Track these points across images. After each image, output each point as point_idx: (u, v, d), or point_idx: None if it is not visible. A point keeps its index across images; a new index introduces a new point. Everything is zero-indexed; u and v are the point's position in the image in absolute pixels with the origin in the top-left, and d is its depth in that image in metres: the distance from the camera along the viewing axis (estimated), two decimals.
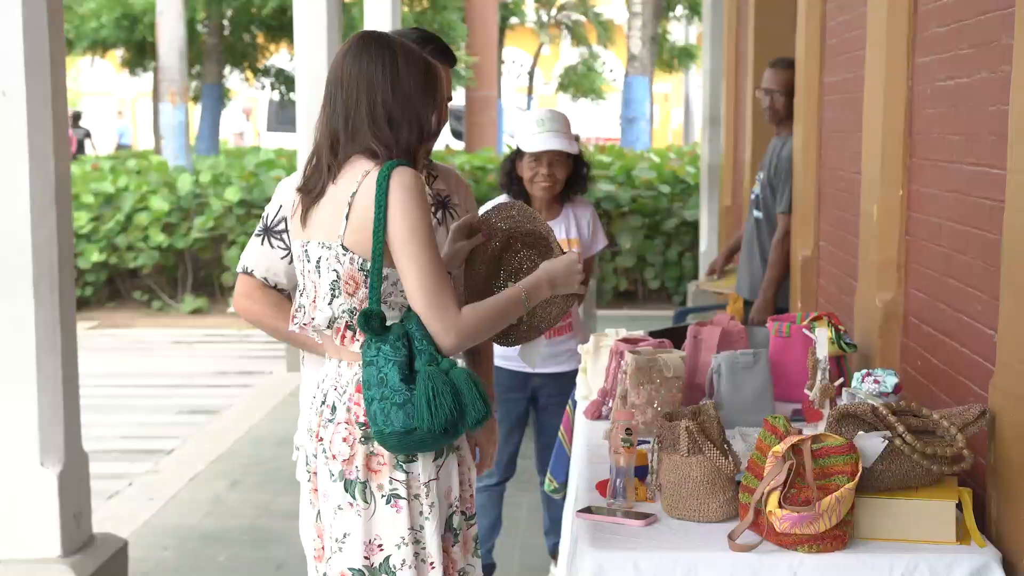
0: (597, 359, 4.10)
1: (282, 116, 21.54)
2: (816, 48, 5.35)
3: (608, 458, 3.01)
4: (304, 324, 2.76)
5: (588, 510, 2.94)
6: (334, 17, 8.66)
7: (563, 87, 22.95)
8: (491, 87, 17.03)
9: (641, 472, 3.05)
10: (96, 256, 11.34)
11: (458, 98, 17.77)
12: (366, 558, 2.68)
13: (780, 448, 2.69)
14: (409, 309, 2.65)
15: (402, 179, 2.59)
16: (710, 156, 10.67)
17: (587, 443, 3.54)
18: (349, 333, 2.70)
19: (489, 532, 4.57)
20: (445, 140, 20.25)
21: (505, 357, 4.27)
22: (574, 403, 4.22)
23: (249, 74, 17.00)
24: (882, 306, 3.93)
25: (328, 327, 2.71)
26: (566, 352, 4.55)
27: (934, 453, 2.68)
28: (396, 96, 2.67)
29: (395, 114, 2.66)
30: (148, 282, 11.86)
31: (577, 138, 4.72)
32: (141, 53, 16.22)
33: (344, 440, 2.69)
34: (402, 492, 2.66)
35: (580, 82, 22.53)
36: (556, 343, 4.50)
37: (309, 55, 8.66)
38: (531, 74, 24.05)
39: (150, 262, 11.43)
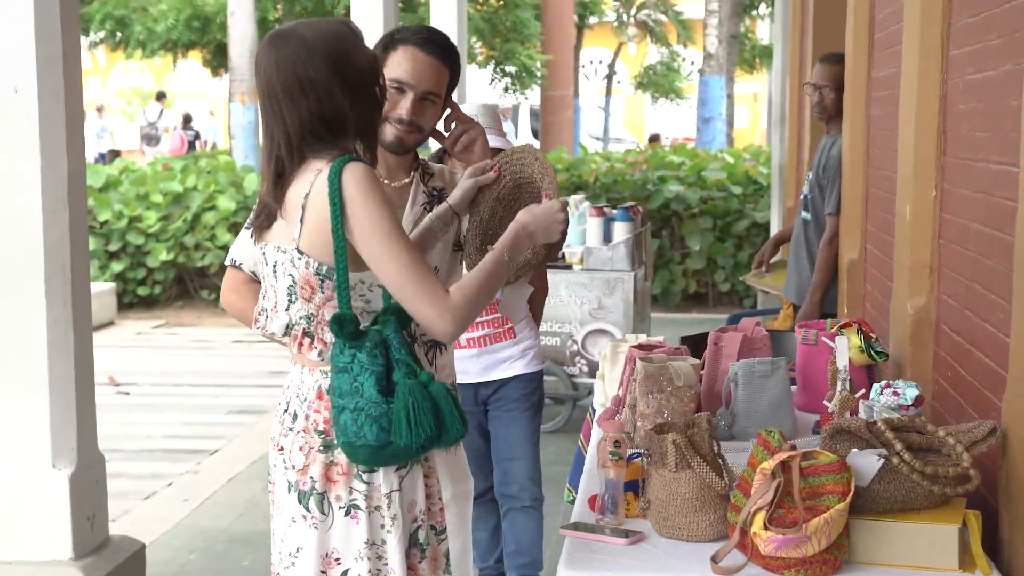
0: (614, 365, 3.94)
1: None
2: (864, 42, 5.13)
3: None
4: (263, 329, 2.66)
5: (574, 526, 2.79)
6: (391, 15, 8.59)
7: (642, 86, 22.68)
8: (567, 86, 16.86)
9: (635, 486, 2.90)
10: (164, 255, 11.42)
11: (534, 97, 17.68)
12: (322, 572, 2.57)
13: (768, 465, 2.52)
14: (383, 313, 2.53)
15: (353, 175, 2.46)
16: (779, 156, 10.42)
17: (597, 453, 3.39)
18: (307, 340, 2.59)
19: (492, 543, 4.41)
20: (527, 140, 20.17)
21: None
22: (593, 410, 4.07)
23: None
24: (914, 312, 3.72)
25: (285, 334, 2.60)
26: (507, 359, 4.26)
27: (935, 473, 2.49)
28: (321, 95, 2.53)
29: (328, 113, 2.53)
30: (215, 281, 11.91)
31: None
32: (222, 54, 16.33)
33: (300, 449, 2.58)
34: (361, 503, 2.55)
35: (659, 82, 22.25)
36: (491, 349, 4.23)
37: None
38: (609, 74, 23.81)
39: (217, 261, 11.48)
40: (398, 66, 3.02)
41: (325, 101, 2.50)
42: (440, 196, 3.16)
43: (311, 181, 2.49)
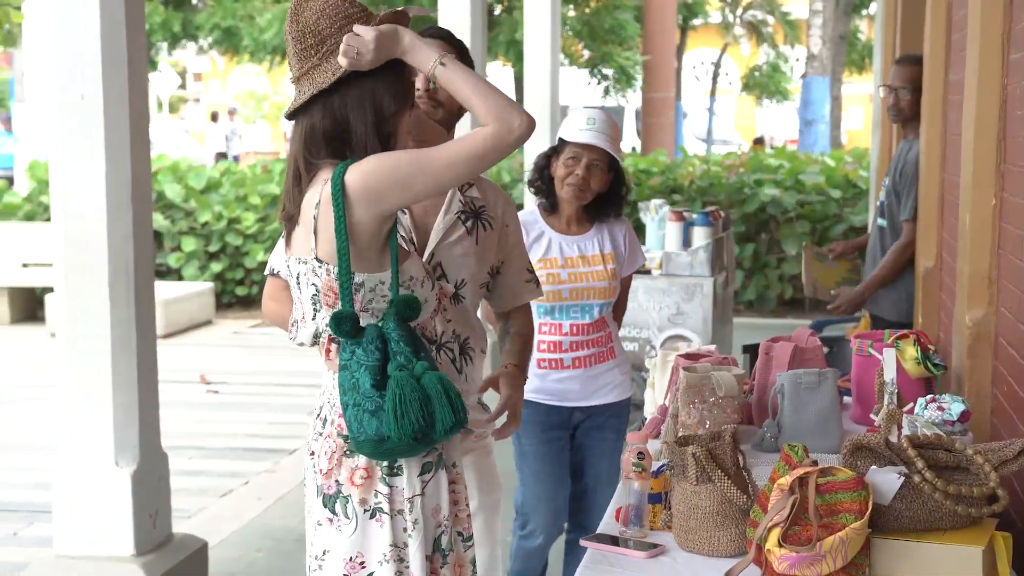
0: (664, 374, 3.90)
1: None
2: (941, 43, 5.00)
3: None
4: (295, 340, 2.69)
5: (596, 537, 2.76)
6: (478, 20, 8.62)
7: (748, 88, 22.40)
8: (668, 88, 16.72)
9: (661, 498, 2.86)
10: (261, 256, 11.60)
11: (637, 100, 17.58)
12: (347, 575, 2.58)
13: (786, 481, 2.46)
14: (387, 310, 2.53)
15: (355, 170, 2.47)
16: (876, 159, 10.20)
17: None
18: (334, 347, 2.60)
19: None
20: (630, 142, 20.07)
21: (543, 391, 3.99)
22: (644, 419, 4.02)
23: None
24: (972, 325, 3.60)
25: (313, 343, 2.62)
26: (607, 384, 4.08)
27: (958, 492, 2.40)
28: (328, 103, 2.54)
29: (331, 125, 2.54)
30: None
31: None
32: None
33: (326, 453, 2.61)
34: (385, 507, 2.56)
35: (765, 83, 21.95)
36: (594, 372, 4.05)
37: None
38: (715, 75, 23.57)
39: None
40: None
41: (328, 113, 2.52)
42: (477, 210, 3.14)
43: (320, 191, 2.50)
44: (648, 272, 6.84)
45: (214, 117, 27.45)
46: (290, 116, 2.60)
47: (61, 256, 4.22)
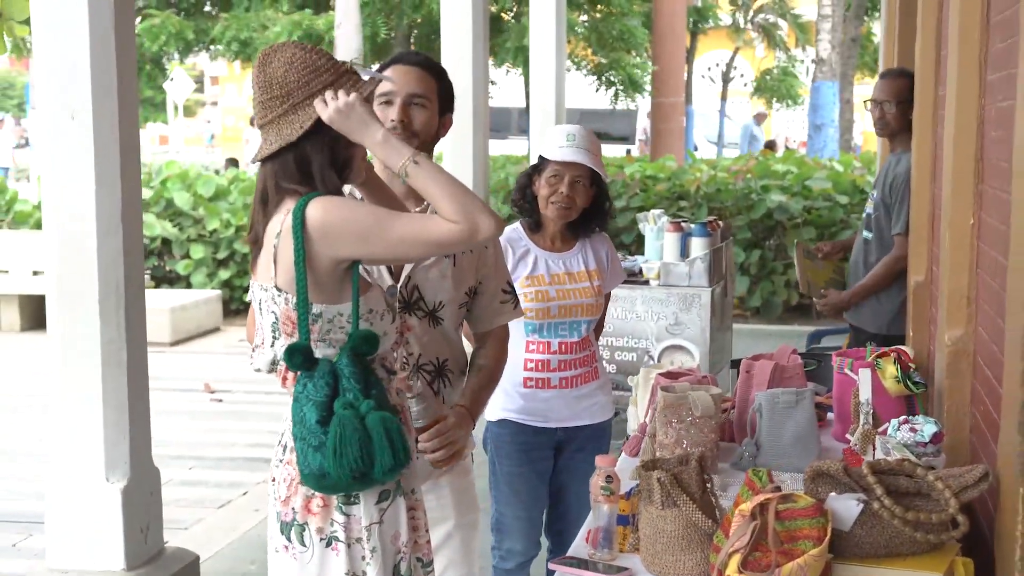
0: (647, 391, 3.92)
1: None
2: (931, 58, 5.00)
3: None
4: (253, 365, 2.72)
5: (564, 560, 2.79)
6: (479, 27, 8.65)
7: (759, 91, 22.37)
8: (678, 93, 16.73)
9: (628, 521, 2.88)
10: None
11: (645, 104, 17.58)
12: None
13: (747, 507, 2.48)
14: (345, 344, 2.56)
15: (317, 207, 2.51)
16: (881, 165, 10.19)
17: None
18: (290, 375, 2.63)
19: None
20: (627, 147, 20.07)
21: (526, 412, 3.98)
22: (627, 437, 4.04)
23: None
24: (951, 343, 3.61)
25: (271, 369, 2.66)
26: (592, 404, 4.06)
27: (916, 519, 2.42)
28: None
29: (300, 156, 2.58)
30: None
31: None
32: None
33: (284, 480, 2.64)
34: (341, 535, 2.59)
35: (776, 87, 21.92)
36: (579, 392, 4.03)
37: (454, 68, 8.68)
38: (725, 79, 23.54)
39: None
40: (382, 84, 3.06)
41: (292, 156, 2.57)
42: None
43: (282, 221, 2.54)
44: (646, 283, 6.86)
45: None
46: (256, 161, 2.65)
47: (53, 273, 4.28)
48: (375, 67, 3.23)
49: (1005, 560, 2.44)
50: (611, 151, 18.38)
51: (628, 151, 19.11)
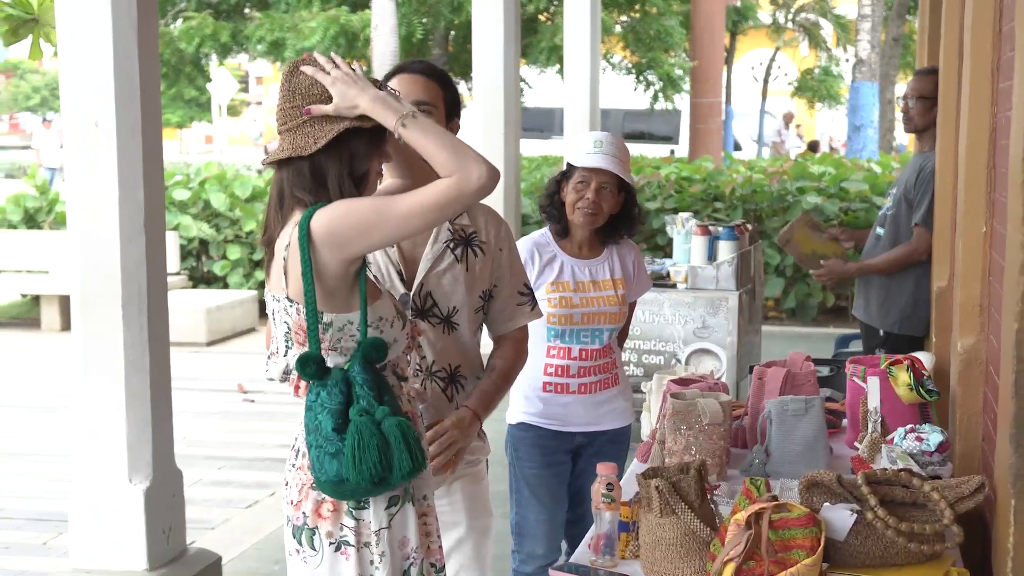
0: (659, 397, 3.93)
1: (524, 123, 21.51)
2: (954, 61, 4.98)
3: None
4: (267, 374, 2.76)
5: (565, 567, 2.81)
6: (511, 30, 8.69)
7: (800, 91, 22.25)
8: (716, 94, 16.69)
9: (629, 527, 2.90)
10: None
11: (680, 103, 17.53)
12: None
13: (742, 516, 2.50)
14: (354, 352, 2.59)
15: (321, 215, 2.55)
16: None
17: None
18: (303, 383, 2.67)
19: None
20: (671, 147, 20.03)
21: (546, 415, 4.00)
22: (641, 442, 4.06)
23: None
24: (963, 351, 3.61)
25: (284, 378, 2.70)
26: (611, 410, 4.07)
27: (910, 530, 2.43)
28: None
29: (316, 166, 2.61)
30: None
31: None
32: (369, 69, 16.69)
33: (296, 485, 2.68)
34: (351, 539, 2.63)
35: (816, 87, 21.79)
36: (598, 398, 4.03)
37: (485, 68, 8.73)
38: (766, 77, 23.44)
39: None
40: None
41: (307, 165, 2.60)
42: (468, 237, 3.19)
43: (290, 233, 2.58)
44: (674, 286, 6.86)
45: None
46: (266, 164, 2.69)
47: (77, 278, 4.34)
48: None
49: (999, 572, 2.45)
50: (652, 151, 18.40)
51: (672, 151, 19.03)
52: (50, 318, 11.52)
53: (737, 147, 22.12)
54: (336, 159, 2.60)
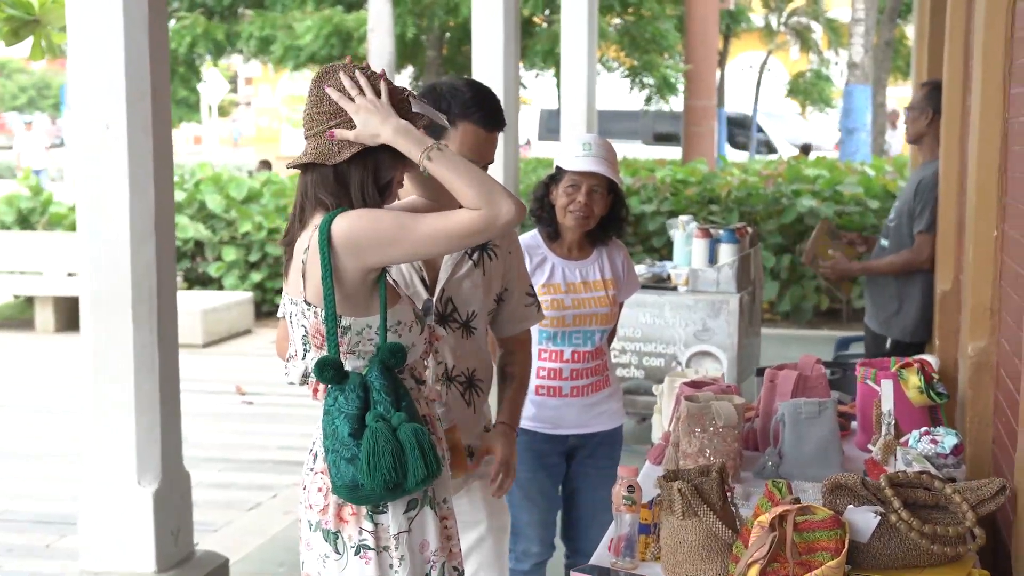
0: (671, 400, 3.95)
1: (551, 124, 21.16)
2: (959, 69, 5.02)
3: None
4: (287, 377, 2.77)
5: (587, 569, 2.83)
6: (511, 33, 8.68)
7: (791, 94, 22.30)
8: (709, 96, 16.70)
9: (650, 530, 2.92)
10: None
11: (675, 104, 17.54)
12: None
13: (766, 518, 2.52)
14: (373, 357, 2.60)
15: (341, 222, 2.55)
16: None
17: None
18: (321, 387, 2.68)
19: None
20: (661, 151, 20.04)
21: (538, 419, 4.01)
22: (652, 444, 4.07)
23: None
24: (974, 355, 3.64)
25: (303, 382, 2.71)
26: (603, 412, 4.10)
27: (934, 532, 2.45)
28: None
29: (340, 172, 2.62)
30: None
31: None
32: None
33: (319, 490, 2.69)
34: (371, 543, 2.64)
35: (808, 90, 21.85)
36: (590, 400, 4.06)
37: (484, 70, 8.73)
38: (759, 80, 23.46)
39: None
40: (462, 144, 3.09)
41: (330, 172, 2.61)
42: (486, 247, 3.20)
43: (309, 236, 2.59)
44: (674, 289, 6.89)
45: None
46: (290, 168, 2.71)
47: (87, 279, 4.34)
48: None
49: (1022, 573, 2.47)
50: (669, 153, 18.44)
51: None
52: (44, 319, 11.51)
53: (772, 149, 21.98)
54: (361, 167, 2.61)
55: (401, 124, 2.58)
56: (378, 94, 2.60)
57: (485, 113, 3.14)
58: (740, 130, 23.26)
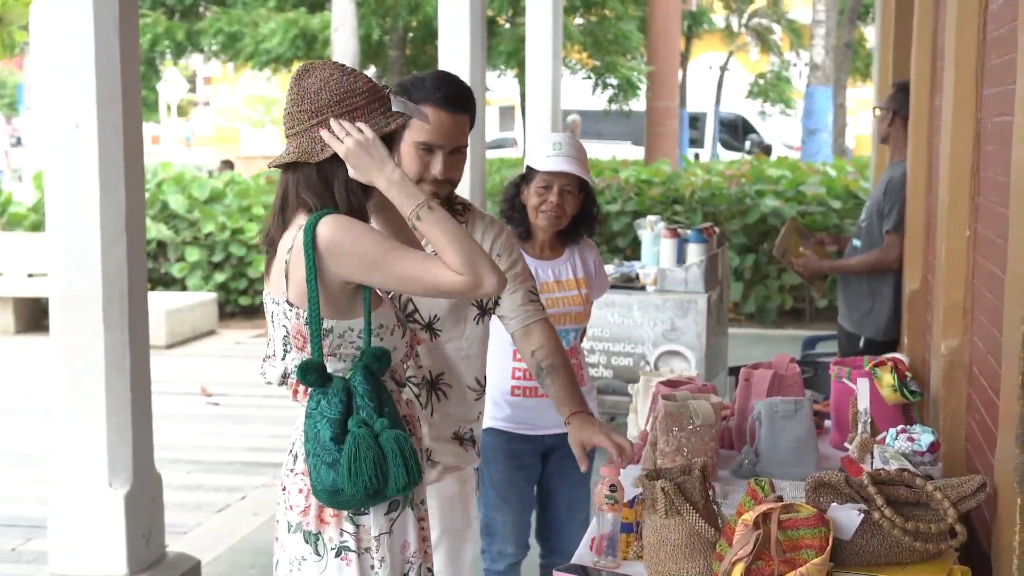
0: (646, 399, 3.97)
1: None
2: (927, 69, 5.06)
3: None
4: (264, 377, 2.75)
5: (568, 568, 2.83)
6: (477, 34, 8.68)
7: (753, 95, 22.44)
8: (672, 97, 16.77)
9: (632, 528, 2.93)
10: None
11: (637, 106, 17.61)
12: None
13: (750, 516, 2.53)
14: (357, 360, 2.59)
15: (327, 225, 2.54)
16: (875, 170, 10.25)
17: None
18: (301, 388, 2.66)
19: None
20: (627, 152, 20.11)
21: (513, 420, 3.99)
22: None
23: None
24: (947, 353, 3.67)
25: (282, 382, 2.69)
26: None
27: (916, 529, 2.47)
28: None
29: (323, 172, 2.61)
30: None
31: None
32: None
33: (300, 491, 2.67)
34: (351, 545, 2.63)
35: (769, 91, 22.00)
36: None
37: (450, 69, 8.71)
38: (719, 83, 23.63)
39: None
40: (423, 128, 3.03)
41: (312, 171, 2.59)
42: None
43: (293, 236, 2.57)
44: (643, 288, 6.91)
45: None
46: (272, 167, 2.68)
47: (57, 280, 4.30)
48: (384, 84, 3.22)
49: (1003, 570, 2.49)
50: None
51: (696, 155, 19.14)
52: (4, 321, 11.38)
53: (767, 151, 22.02)
54: (344, 166, 2.60)
55: (395, 176, 2.57)
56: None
57: (445, 95, 3.08)
58: (734, 132, 23.34)
